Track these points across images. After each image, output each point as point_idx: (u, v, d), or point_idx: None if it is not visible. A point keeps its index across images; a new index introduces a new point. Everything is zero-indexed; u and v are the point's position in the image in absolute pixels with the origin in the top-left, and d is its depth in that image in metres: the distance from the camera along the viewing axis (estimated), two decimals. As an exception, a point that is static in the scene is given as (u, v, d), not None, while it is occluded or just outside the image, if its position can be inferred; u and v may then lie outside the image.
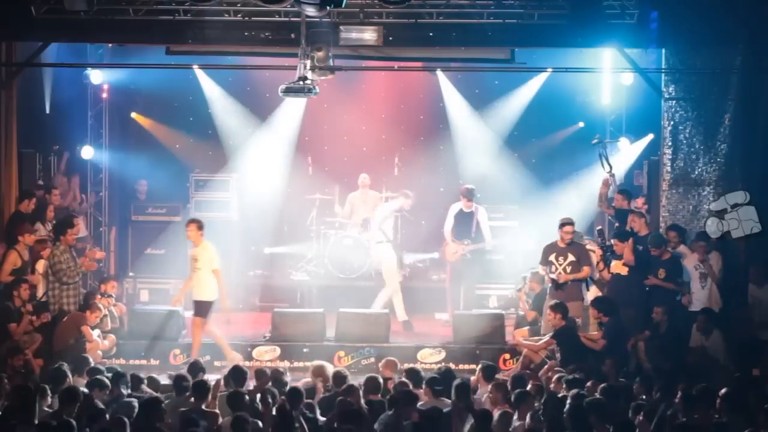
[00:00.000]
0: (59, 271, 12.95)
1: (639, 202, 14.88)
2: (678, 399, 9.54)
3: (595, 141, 14.53)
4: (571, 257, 13.34)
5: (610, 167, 14.19)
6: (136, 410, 9.25)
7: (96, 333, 12.96)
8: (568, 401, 9.40)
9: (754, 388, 10.14)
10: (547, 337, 12.62)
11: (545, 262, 13.50)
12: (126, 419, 8.88)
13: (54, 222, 14.45)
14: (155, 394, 10.18)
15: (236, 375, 10.58)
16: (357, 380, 10.66)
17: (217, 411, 9.67)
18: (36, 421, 8.90)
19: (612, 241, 13.28)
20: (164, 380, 11.50)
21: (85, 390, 9.91)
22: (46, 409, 9.60)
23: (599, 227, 14.59)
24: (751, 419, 9.14)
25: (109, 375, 10.47)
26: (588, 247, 13.89)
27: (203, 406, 9.71)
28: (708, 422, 9.11)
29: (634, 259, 12.86)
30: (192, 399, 9.88)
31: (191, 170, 17.30)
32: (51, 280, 12.99)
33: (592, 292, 13.43)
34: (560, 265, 13.35)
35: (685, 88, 13.86)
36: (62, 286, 12.99)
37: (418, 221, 17.52)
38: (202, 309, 13.32)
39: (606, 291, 13.29)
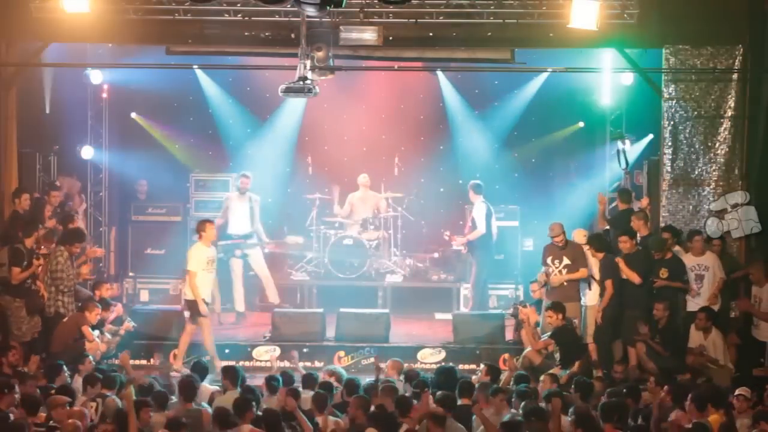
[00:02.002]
0: (58, 279, 12.97)
1: (644, 202, 14.88)
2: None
3: (615, 136, 14.51)
4: (566, 260, 13.34)
5: (627, 164, 14.17)
6: None
7: (96, 333, 12.96)
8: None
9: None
10: (545, 337, 12.63)
11: (544, 263, 13.53)
12: None
13: (53, 221, 14.43)
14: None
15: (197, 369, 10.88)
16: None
17: (209, 410, 9.67)
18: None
19: (619, 239, 13.23)
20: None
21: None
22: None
23: (606, 227, 14.57)
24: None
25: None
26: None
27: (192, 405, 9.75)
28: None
29: (636, 273, 12.81)
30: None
31: (191, 170, 17.30)
32: (48, 283, 13.01)
33: (593, 292, 13.37)
34: (556, 267, 13.36)
35: (685, 88, 13.86)
36: (58, 292, 13.01)
37: (418, 221, 17.52)
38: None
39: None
